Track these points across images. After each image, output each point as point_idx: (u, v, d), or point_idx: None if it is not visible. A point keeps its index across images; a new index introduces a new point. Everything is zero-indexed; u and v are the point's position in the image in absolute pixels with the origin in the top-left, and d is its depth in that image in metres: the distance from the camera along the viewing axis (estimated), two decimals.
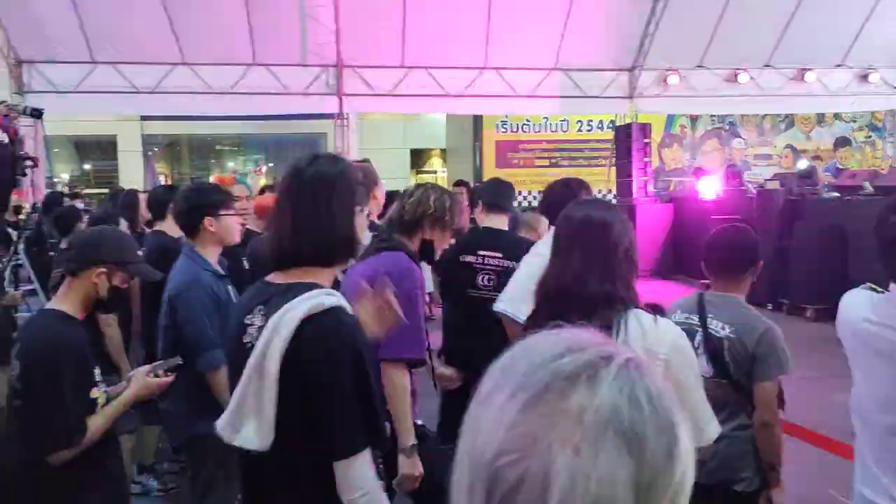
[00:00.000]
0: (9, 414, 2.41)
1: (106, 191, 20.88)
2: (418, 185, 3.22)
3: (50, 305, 2.52)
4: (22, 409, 2.31)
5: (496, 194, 3.92)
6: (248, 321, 1.80)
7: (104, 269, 2.49)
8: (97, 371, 2.46)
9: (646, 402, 0.60)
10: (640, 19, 13.04)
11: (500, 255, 3.66)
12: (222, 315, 2.86)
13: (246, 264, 3.95)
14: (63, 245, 4.88)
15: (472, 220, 4.68)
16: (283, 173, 2.00)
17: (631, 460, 0.57)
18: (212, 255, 3.19)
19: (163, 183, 21.94)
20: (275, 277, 1.85)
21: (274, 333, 1.66)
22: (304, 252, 1.80)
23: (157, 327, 3.26)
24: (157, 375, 2.56)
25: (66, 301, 2.48)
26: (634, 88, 13.85)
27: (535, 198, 17.54)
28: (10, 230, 6.31)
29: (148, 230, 5.14)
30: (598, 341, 0.65)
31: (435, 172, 25.82)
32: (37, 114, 7.90)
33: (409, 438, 2.72)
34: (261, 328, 1.74)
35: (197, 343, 2.97)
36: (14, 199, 7.55)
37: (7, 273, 5.25)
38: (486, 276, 3.64)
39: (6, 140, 6.83)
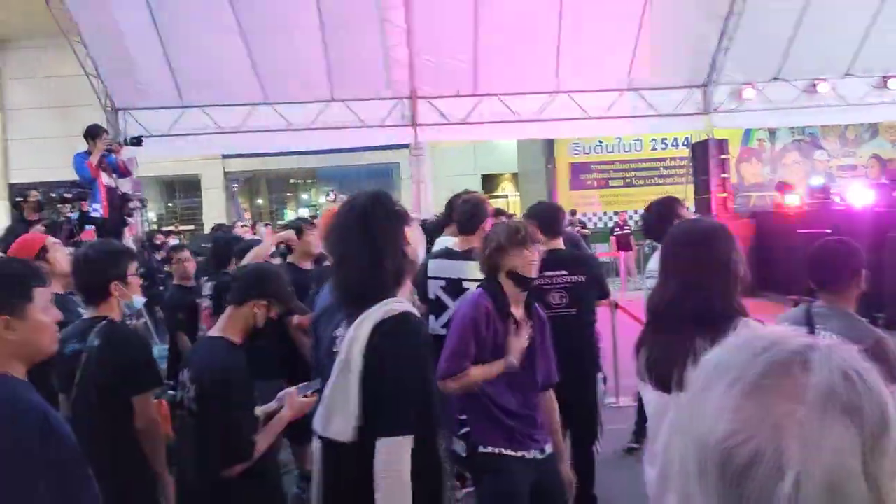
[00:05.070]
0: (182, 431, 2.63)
1: (192, 227, 21.95)
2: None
3: (214, 333, 2.76)
4: (199, 428, 2.53)
5: (549, 219, 4.07)
6: (336, 334, 2.01)
7: (265, 302, 2.72)
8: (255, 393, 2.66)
9: (857, 378, 0.67)
10: (713, 34, 12.91)
11: (565, 272, 3.90)
12: None
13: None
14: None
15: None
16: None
17: (854, 429, 0.64)
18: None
19: (247, 217, 22.83)
20: None
21: (355, 336, 1.88)
22: (358, 293, 1.96)
23: None
24: (305, 396, 2.74)
25: (229, 329, 2.70)
26: (709, 104, 13.70)
27: (610, 218, 17.46)
28: None
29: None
30: (797, 334, 0.72)
31: (507, 197, 25.92)
32: (136, 142, 8.40)
33: None
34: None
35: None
36: None
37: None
38: (558, 294, 3.86)
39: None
